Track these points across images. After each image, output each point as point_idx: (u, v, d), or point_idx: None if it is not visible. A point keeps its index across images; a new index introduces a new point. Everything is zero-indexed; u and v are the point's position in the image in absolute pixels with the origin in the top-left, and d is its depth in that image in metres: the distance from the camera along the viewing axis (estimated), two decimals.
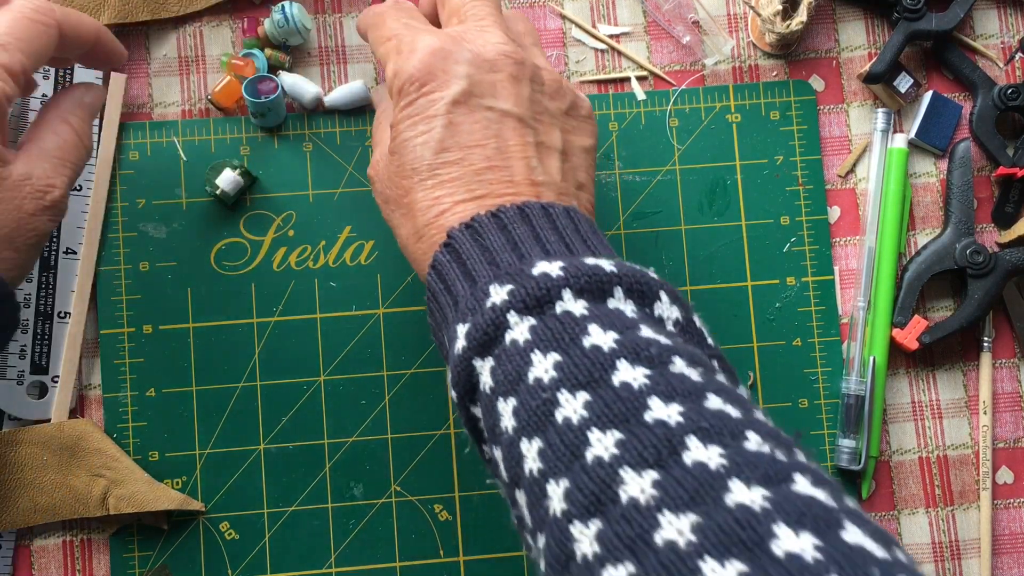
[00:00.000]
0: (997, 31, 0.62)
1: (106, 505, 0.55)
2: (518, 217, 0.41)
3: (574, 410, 0.34)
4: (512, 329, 0.37)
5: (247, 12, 0.60)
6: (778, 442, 0.34)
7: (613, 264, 0.39)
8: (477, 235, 0.41)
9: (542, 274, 0.38)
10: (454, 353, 0.39)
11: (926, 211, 0.60)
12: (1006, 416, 0.59)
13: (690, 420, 0.33)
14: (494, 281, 0.39)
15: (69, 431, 0.56)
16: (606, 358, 0.35)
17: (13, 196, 0.45)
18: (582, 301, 0.38)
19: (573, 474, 0.33)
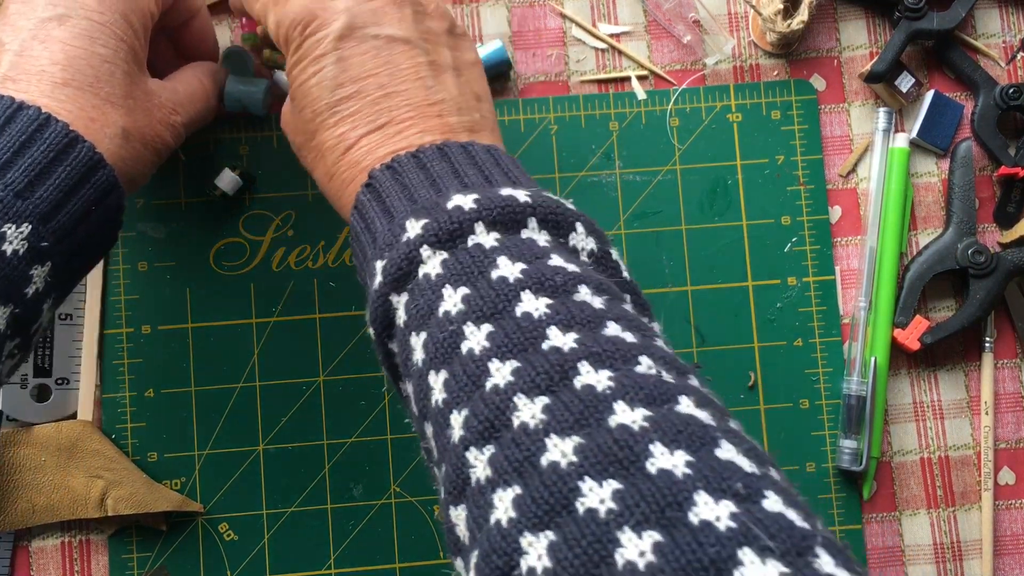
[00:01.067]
0: (999, 30, 0.62)
1: (104, 506, 0.55)
2: (437, 155, 0.42)
3: (478, 342, 0.35)
4: (425, 264, 0.38)
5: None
6: (671, 366, 0.35)
7: (528, 194, 0.40)
8: (396, 174, 0.42)
9: (455, 207, 0.39)
10: (372, 289, 0.40)
11: (927, 211, 0.60)
12: (1008, 417, 0.59)
13: (583, 346, 0.34)
14: (410, 216, 0.39)
15: (67, 432, 0.56)
16: (511, 289, 0.36)
17: (148, 101, 0.48)
18: (494, 233, 0.38)
19: (472, 403, 0.34)
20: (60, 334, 0.57)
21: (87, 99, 0.45)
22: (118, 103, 0.46)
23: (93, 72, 0.45)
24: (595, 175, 0.59)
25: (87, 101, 0.45)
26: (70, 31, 0.45)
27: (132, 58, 0.47)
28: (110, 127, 0.45)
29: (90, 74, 0.45)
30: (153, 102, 0.49)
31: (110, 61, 0.46)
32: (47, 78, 0.44)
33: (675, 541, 0.28)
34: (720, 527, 0.28)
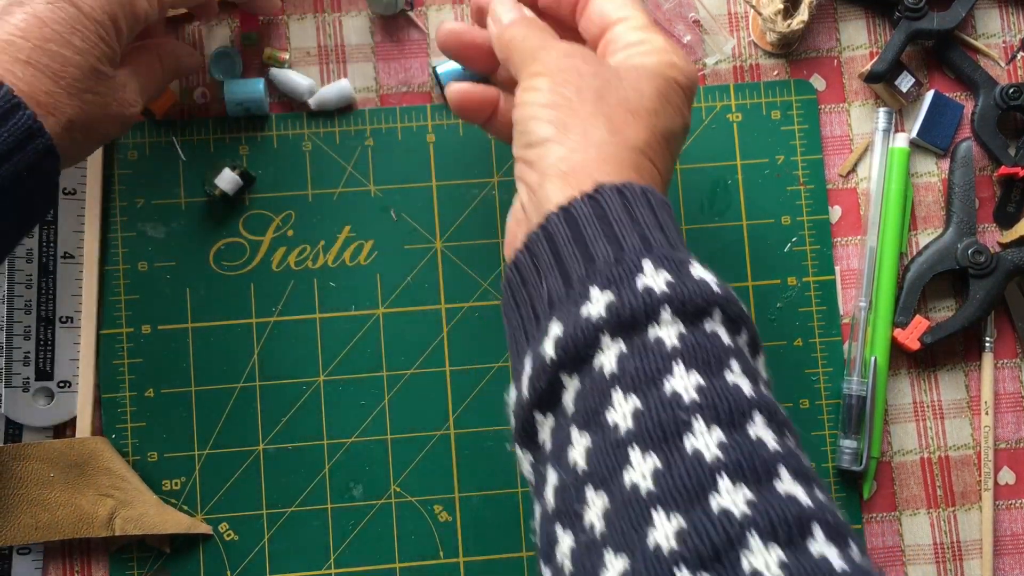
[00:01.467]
0: (999, 30, 0.62)
1: (112, 526, 0.54)
2: (618, 200, 0.40)
3: (643, 475, 0.34)
4: (603, 352, 0.37)
5: (247, 11, 0.60)
6: (839, 534, 0.33)
7: (718, 284, 0.39)
8: (573, 220, 0.40)
9: (645, 289, 0.37)
10: (538, 352, 0.39)
11: (927, 211, 0.60)
12: (1008, 417, 0.59)
13: (755, 511, 0.32)
14: (593, 282, 0.38)
15: (80, 449, 0.55)
16: (683, 411, 0.34)
17: (107, 95, 0.48)
18: (678, 325, 0.37)
19: (632, 557, 0.33)
20: (61, 337, 0.57)
21: (42, 83, 0.45)
22: (74, 95, 0.46)
23: (61, 61, 0.46)
24: None
25: (42, 85, 0.45)
26: (55, 13, 0.45)
27: (106, 57, 0.47)
28: (56, 115, 0.45)
29: (57, 62, 0.45)
30: (114, 96, 0.49)
31: (81, 54, 0.46)
32: (12, 50, 0.44)
33: None
34: None
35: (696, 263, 0.40)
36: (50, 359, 0.56)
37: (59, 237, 0.57)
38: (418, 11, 0.60)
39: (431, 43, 0.60)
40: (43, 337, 0.56)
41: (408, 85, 0.60)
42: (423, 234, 0.59)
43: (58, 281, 0.57)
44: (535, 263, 0.41)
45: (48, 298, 0.57)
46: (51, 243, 0.57)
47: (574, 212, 0.40)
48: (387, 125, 0.59)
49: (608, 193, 0.40)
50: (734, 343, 0.38)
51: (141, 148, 0.59)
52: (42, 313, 0.57)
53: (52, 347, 0.57)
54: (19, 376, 0.56)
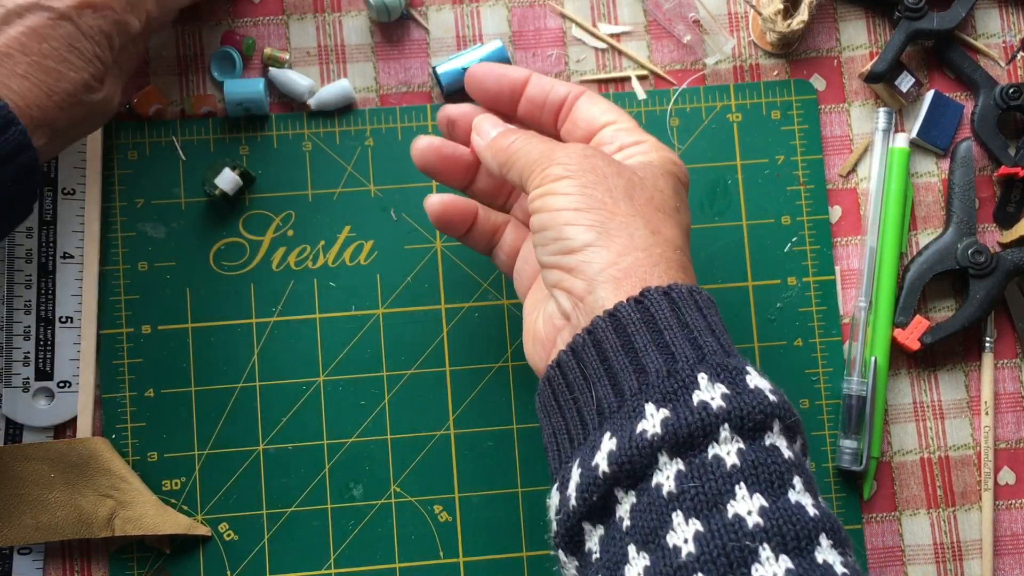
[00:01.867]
0: (999, 30, 0.62)
1: (112, 526, 0.54)
2: (665, 304, 0.40)
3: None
4: (660, 470, 0.36)
5: (247, 11, 0.60)
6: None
7: (772, 391, 0.38)
8: (620, 324, 0.40)
9: (701, 404, 0.37)
10: (590, 464, 0.38)
11: (927, 211, 0.60)
12: (1008, 417, 0.59)
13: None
14: (647, 398, 0.37)
15: (81, 449, 0.55)
16: (747, 537, 0.34)
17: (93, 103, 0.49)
18: (738, 442, 0.36)
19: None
20: (61, 337, 0.57)
21: (37, 98, 0.46)
22: (64, 108, 0.47)
23: (55, 76, 0.46)
24: None
25: (36, 100, 0.45)
26: (55, 30, 0.46)
27: (99, 73, 0.48)
28: (44, 128, 0.46)
29: (52, 77, 0.46)
30: (98, 101, 0.49)
31: (76, 71, 0.47)
32: (9, 64, 0.45)
33: None
34: None
35: (751, 369, 0.39)
36: (50, 359, 0.56)
37: (59, 237, 0.57)
38: (418, 11, 0.60)
39: (431, 43, 0.60)
40: (43, 337, 0.56)
41: (408, 85, 0.60)
42: (423, 234, 0.59)
43: (58, 281, 0.57)
44: (581, 368, 0.41)
45: (48, 298, 0.57)
46: (51, 243, 0.57)
47: (622, 318, 0.40)
48: (387, 125, 0.59)
49: (655, 297, 0.40)
50: (793, 454, 0.38)
51: (141, 148, 0.59)
52: (42, 313, 0.57)
53: (52, 347, 0.57)
54: (19, 376, 0.56)
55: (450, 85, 0.59)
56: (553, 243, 0.43)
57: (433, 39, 0.60)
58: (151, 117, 0.59)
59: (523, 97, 0.51)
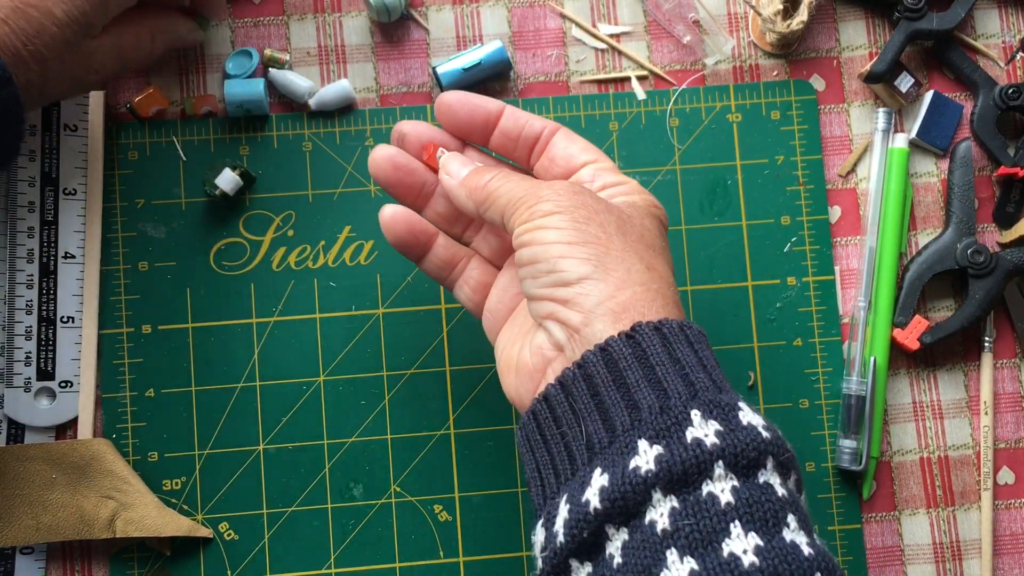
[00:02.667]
0: (998, 30, 0.62)
1: (113, 528, 0.54)
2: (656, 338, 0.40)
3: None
4: (654, 507, 0.36)
5: (247, 12, 0.60)
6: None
7: (765, 427, 0.38)
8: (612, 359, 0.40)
9: (694, 442, 0.37)
10: (579, 500, 0.38)
11: (927, 211, 0.60)
12: (1007, 416, 0.59)
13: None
14: (640, 435, 0.37)
15: (83, 450, 0.55)
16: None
17: (71, 62, 0.49)
18: (732, 479, 0.36)
19: None
20: (62, 336, 0.57)
21: (11, 44, 0.45)
22: (38, 60, 0.47)
23: (36, 27, 0.46)
24: None
25: (9, 46, 0.45)
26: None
27: (83, 30, 0.48)
28: (16, 78, 0.46)
29: (32, 27, 0.46)
30: (79, 63, 0.49)
31: (59, 26, 0.47)
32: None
33: None
34: None
35: (743, 405, 0.39)
36: (51, 359, 0.57)
37: (60, 237, 0.57)
38: (418, 11, 0.60)
39: (431, 43, 0.60)
40: (44, 337, 0.56)
41: (408, 85, 0.60)
42: None
43: (59, 281, 0.57)
44: (570, 402, 0.40)
45: (49, 298, 0.57)
46: (52, 243, 0.57)
47: (613, 353, 0.40)
48: (387, 125, 0.59)
49: (646, 332, 0.40)
50: (787, 491, 0.38)
51: (141, 148, 0.59)
52: (43, 313, 0.57)
53: (53, 347, 0.57)
54: (20, 376, 0.56)
55: (450, 86, 0.59)
56: (546, 275, 0.43)
57: (433, 39, 0.60)
58: (151, 117, 0.59)
59: (497, 130, 0.50)
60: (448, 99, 0.50)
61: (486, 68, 0.59)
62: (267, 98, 0.58)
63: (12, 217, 0.57)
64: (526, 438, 0.43)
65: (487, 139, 0.51)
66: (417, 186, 0.51)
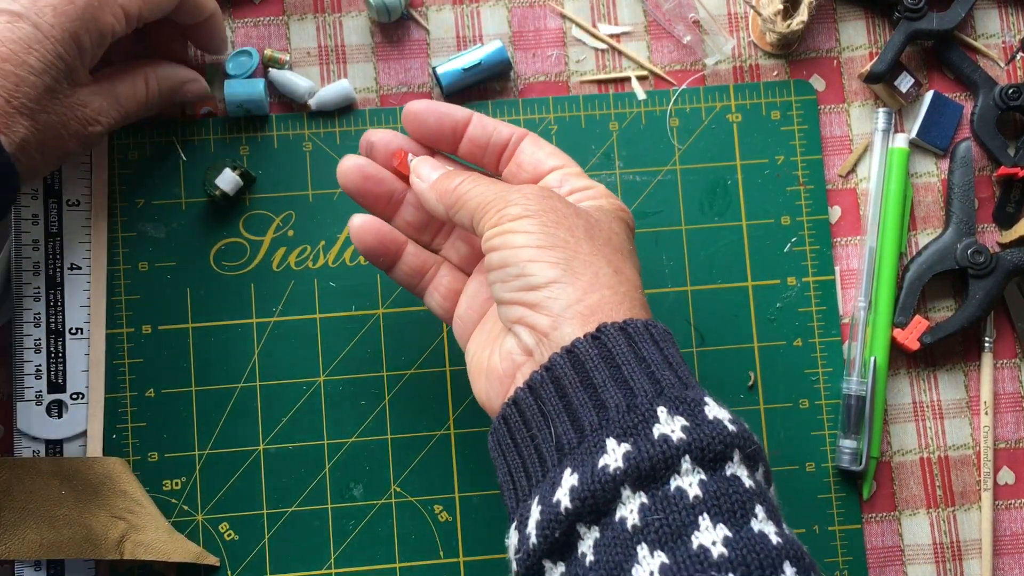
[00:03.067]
0: (998, 30, 0.62)
1: (121, 549, 0.53)
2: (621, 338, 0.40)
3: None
4: (623, 504, 0.37)
5: (247, 12, 0.60)
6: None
7: (731, 419, 0.39)
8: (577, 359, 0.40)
9: (661, 438, 0.37)
10: (551, 500, 0.38)
11: (927, 211, 0.60)
12: (1007, 417, 0.59)
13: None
14: (608, 434, 0.38)
15: (99, 468, 0.55)
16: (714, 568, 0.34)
17: (65, 112, 0.48)
18: (699, 473, 0.37)
19: None
20: (72, 348, 0.56)
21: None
22: (26, 114, 0.46)
23: (15, 80, 0.45)
24: (595, 175, 0.59)
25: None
26: (12, 32, 0.45)
27: (64, 75, 0.47)
28: (8, 135, 0.45)
29: (11, 81, 0.45)
30: (73, 114, 0.48)
31: (37, 75, 0.46)
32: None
33: None
34: None
35: (709, 400, 0.40)
36: (62, 371, 0.56)
37: (65, 249, 0.57)
38: (418, 11, 0.60)
39: (431, 43, 0.60)
40: (54, 350, 0.56)
41: (408, 85, 0.60)
42: None
43: (66, 293, 0.57)
44: (539, 405, 0.41)
45: (57, 310, 0.56)
46: (57, 255, 0.57)
47: (580, 354, 0.40)
48: (387, 125, 0.59)
49: (612, 332, 0.40)
50: (755, 483, 0.38)
51: (141, 148, 0.59)
52: (52, 326, 0.56)
53: (63, 359, 0.56)
54: (31, 390, 0.56)
55: (450, 86, 0.59)
56: (515, 279, 0.43)
57: (433, 39, 0.60)
58: (151, 117, 0.59)
59: (465, 137, 0.51)
60: (415, 108, 0.51)
61: (486, 68, 0.59)
62: (267, 98, 0.58)
63: (17, 230, 0.56)
64: (497, 443, 0.43)
65: (455, 147, 0.51)
66: (386, 195, 0.52)
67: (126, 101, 0.52)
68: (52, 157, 0.49)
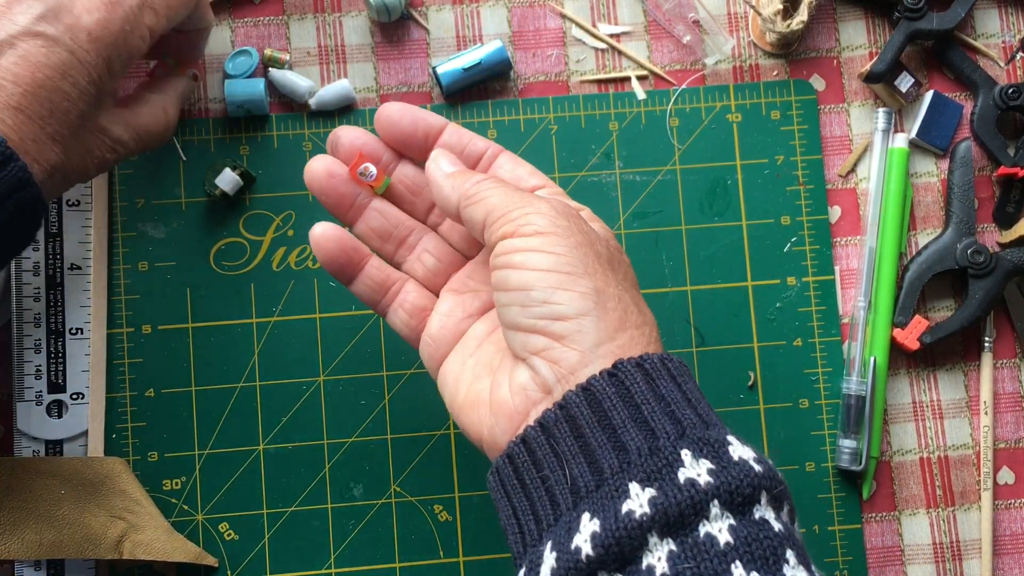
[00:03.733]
0: (998, 30, 0.62)
1: (120, 549, 0.53)
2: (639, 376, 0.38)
3: None
4: (651, 552, 0.35)
5: (247, 12, 0.60)
6: None
7: (756, 458, 0.37)
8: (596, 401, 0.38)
9: (688, 482, 0.35)
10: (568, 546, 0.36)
11: (927, 211, 0.60)
12: (1007, 416, 0.59)
13: None
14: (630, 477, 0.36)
15: (98, 468, 0.55)
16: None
17: (91, 139, 0.47)
18: (728, 518, 0.35)
19: None
20: (72, 349, 0.56)
21: (30, 130, 0.43)
22: (59, 141, 0.44)
23: (49, 107, 0.43)
24: (595, 175, 0.59)
25: (29, 132, 0.43)
26: (48, 57, 0.43)
27: (95, 100, 0.46)
28: (40, 163, 0.44)
29: (46, 108, 0.43)
30: (96, 140, 0.47)
31: (70, 100, 0.44)
32: (3, 95, 0.42)
33: None
34: None
35: (732, 439, 0.38)
36: (62, 372, 0.56)
37: (65, 249, 0.57)
38: (418, 11, 0.60)
39: (431, 43, 0.60)
40: (54, 350, 0.56)
41: (408, 85, 0.60)
42: None
43: (66, 293, 0.57)
44: (552, 445, 0.39)
45: (57, 311, 0.56)
46: (57, 255, 0.57)
47: (596, 393, 0.38)
48: None
49: (629, 369, 0.38)
50: (783, 525, 0.37)
51: None
52: (52, 326, 0.56)
53: (64, 359, 0.56)
54: (31, 390, 0.56)
55: (450, 85, 0.59)
56: (539, 306, 0.40)
57: (433, 39, 0.60)
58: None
59: (438, 144, 0.49)
60: (390, 110, 0.49)
61: (486, 68, 0.59)
62: (267, 98, 0.58)
63: None
64: (500, 483, 0.41)
65: (425, 153, 0.49)
66: (351, 196, 0.50)
67: (145, 133, 0.51)
68: (72, 181, 0.47)
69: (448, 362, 0.47)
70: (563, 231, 0.41)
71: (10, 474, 0.53)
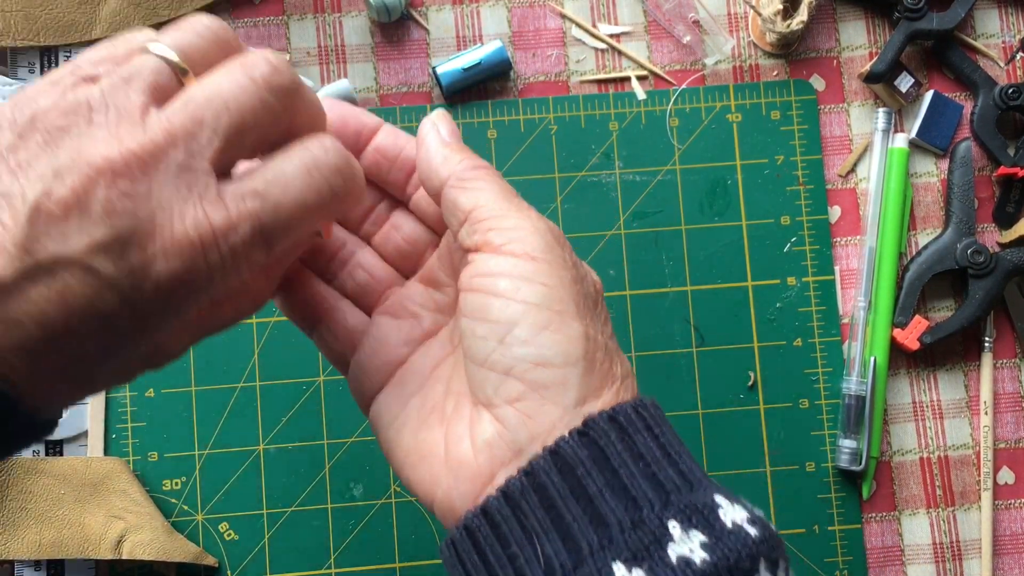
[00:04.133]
0: (998, 30, 0.62)
1: (119, 549, 0.53)
2: (614, 432, 0.33)
3: None
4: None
5: (247, 12, 0.60)
6: None
7: (748, 519, 0.33)
8: (567, 467, 0.33)
9: (680, 561, 0.31)
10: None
11: (927, 211, 0.60)
12: (1007, 416, 0.59)
13: None
14: (615, 556, 0.31)
15: (97, 468, 0.55)
16: None
17: (116, 367, 0.34)
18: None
19: None
20: None
21: (45, 376, 0.31)
22: (83, 386, 0.33)
23: (78, 355, 0.31)
24: (595, 175, 0.59)
25: (43, 377, 0.31)
26: (92, 303, 0.30)
27: (142, 341, 0.33)
28: (54, 408, 0.33)
29: (70, 357, 0.31)
30: (138, 352, 0.34)
31: (108, 351, 0.32)
32: (19, 334, 0.29)
33: None
34: None
35: (720, 497, 0.33)
36: None
37: None
38: (418, 11, 0.60)
39: (431, 43, 0.60)
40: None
41: (408, 85, 0.60)
42: None
43: None
44: (519, 518, 0.33)
45: None
46: None
47: (567, 457, 0.33)
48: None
49: (602, 427, 0.33)
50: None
51: None
52: None
53: None
54: None
55: (450, 85, 0.59)
56: (522, 346, 0.34)
57: (433, 39, 0.60)
58: None
59: (371, 146, 0.41)
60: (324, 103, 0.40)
61: (486, 68, 0.59)
62: None
63: None
64: (458, 559, 0.35)
65: (358, 154, 0.41)
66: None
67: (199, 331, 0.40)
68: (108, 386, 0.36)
69: (383, 399, 0.40)
70: (557, 261, 0.35)
71: (10, 474, 0.53)
